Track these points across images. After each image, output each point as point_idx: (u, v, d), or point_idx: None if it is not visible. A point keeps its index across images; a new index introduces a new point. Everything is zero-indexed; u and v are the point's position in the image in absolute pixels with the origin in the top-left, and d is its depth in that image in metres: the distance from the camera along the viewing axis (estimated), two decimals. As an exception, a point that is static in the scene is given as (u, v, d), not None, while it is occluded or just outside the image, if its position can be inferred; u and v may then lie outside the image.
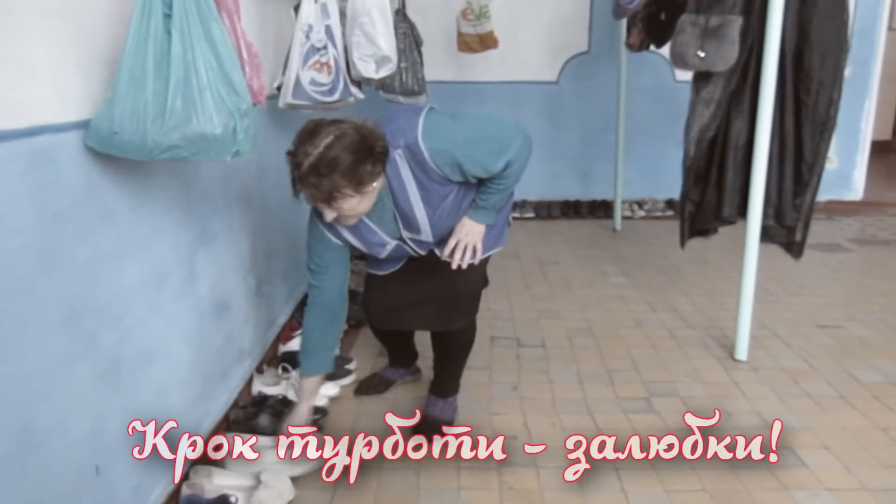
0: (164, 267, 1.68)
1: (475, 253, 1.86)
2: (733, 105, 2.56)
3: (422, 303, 1.99)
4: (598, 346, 2.75)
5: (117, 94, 1.28)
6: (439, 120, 1.69)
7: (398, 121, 1.68)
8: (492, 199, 1.81)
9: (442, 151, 1.65)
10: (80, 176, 1.31)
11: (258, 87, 1.71)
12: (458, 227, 1.85)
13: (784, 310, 3.11)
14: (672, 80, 4.78)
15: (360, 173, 1.53)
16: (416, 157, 1.65)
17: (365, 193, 1.59)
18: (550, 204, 5.01)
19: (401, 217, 1.77)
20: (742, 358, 2.59)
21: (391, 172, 1.68)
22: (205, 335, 1.93)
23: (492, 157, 1.71)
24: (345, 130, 1.53)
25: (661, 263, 3.85)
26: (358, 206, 1.60)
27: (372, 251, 1.87)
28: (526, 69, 4.84)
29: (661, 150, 4.80)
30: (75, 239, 1.28)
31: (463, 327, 2.05)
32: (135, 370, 1.53)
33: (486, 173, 1.73)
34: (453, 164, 1.68)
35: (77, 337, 1.30)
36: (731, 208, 2.65)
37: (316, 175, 1.50)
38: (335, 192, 1.53)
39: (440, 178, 1.70)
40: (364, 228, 1.79)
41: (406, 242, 1.86)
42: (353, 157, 1.51)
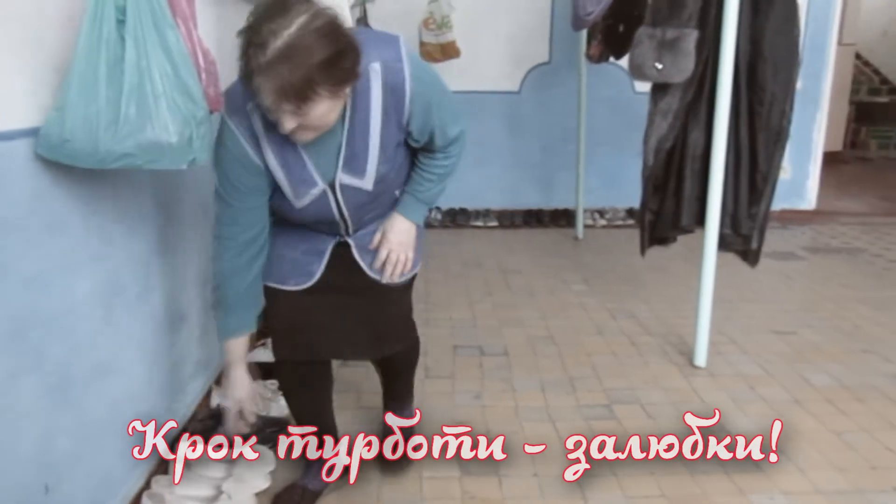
0: (118, 278, 1.63)
1: (406, 263, 1.63)
2: (690, 116, 2.61)
3: (347, 329, 1.66)
4: (560, 354, 2.76)
5: (68, 100, 1.25)
6: (416, 56, 1.44)
7: (371, 35, 1.40)
8: (432, 190, 1.59)
9: (422, 85, 1.40)
10: (29, 184, 1.27)
11: (215, 94, 1.69)
12: (387, 229, 1.59)
13: (741, 316, 3.17)
14: (631, 90, 4.86)
15: (339, 70, 1.21)
16: (395, 80, 1.36)
17: (339, 98, 1.27)
18: (513, 213, 5.04)
19: (346, 151, 1.42)
20: (700, 364, 2.64)
21: (360, 89, 1.35)
22: (160, 348, 1.89)
23: (451, 118, 1.51)
24: (320, 11, 1.20)
25: (621, 271, 3.90)
26: (328, 114, 1.27)
27: (294, 191, 1.45)
28: (487, 79, 4.87)
29: (621, 160, 4.87)
30: (22, 250, 1.25)
31: (404, 348, 1.82)
32: (86, 384, 1.49)
33: (441, 137, 1.51)
34: (426, 108, 1.43)
35: (23, 351, 1.26)
36: (690, 217, 2.70)
37: (288, 63, 1.15)
38: (308, 90, 1.19)
39: (400, 127, 1.43)
40: (294, 158, 1.41)
41: (335, 192, 1.47)
42: (333, 47, 1.18)
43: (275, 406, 2.18)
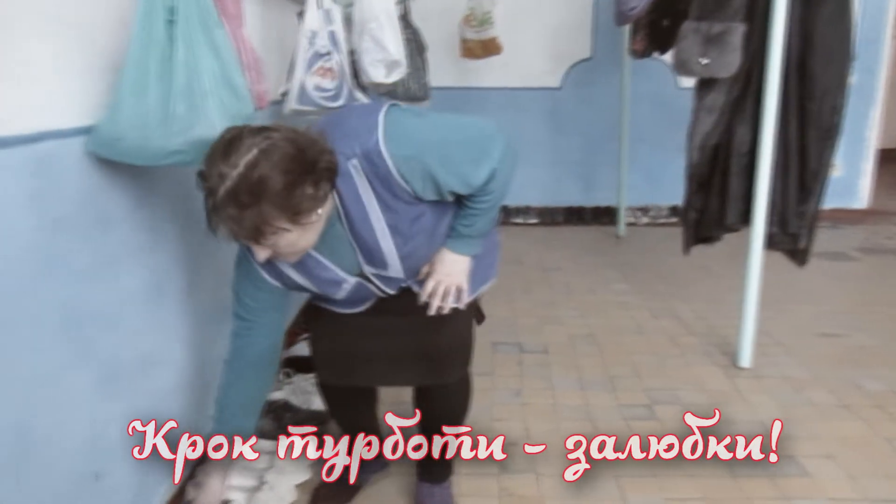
0: (165, 273, 1.68)
1: (460, 295, 1.50)
2: (736, 112, 2.56)
3: (395, 356, 1.54)
4: (600, 353, 2.74)
5: (120, 99, 1.28)
6: (403, 118, 1.30)
7: (350, 121, 1.30)
8: (477, 224, 1.42)
9: (410, 159, 1.26)
10: (82, 182, 1.31)
11: (260, 93, 1.72)
12: (435, 261, 1.45)
13: (787, 318, 3.10)
14: (675, 86, 4.78)
15: (298, 199, 1.14)
16: (377, 168, 1.25)
17: (305, 225, 1.19)
18: (554, 210, 5.01)
19: (360, 248, 1.36)
20: (745, 365, 2.58)
21: (345, 189, 1.27)
22: (205, 341, 1.93)
23: (472, 165, 1.33)
24: (274, 141, 1.13)
25: (663, 270, 3.84)
26: (298, 241, 1.21)
27: (325, 292, 1.44)
28: (529, 75, 4.84)
29: (664, 157, 4.79)
30: (74, 245, 1.29)
31: (453, 382, 1.63)
32: (134, 376, 1.53)
33: (466, 188, 1.35)
34: (425, 176, 1.28)
35: (75, 342, 1.30)
36: (735, 215, 2.65)
37: (236, 205, 1.10)
38: (263, 227, 1.13)
39: (408, 195, 1.30)
40: (313, 263, 1.36)
41: (370, 280, 1.43)
42: (287, 177, 1.11)
43: (315, 400, 2.21)
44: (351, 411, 1.79)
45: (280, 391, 2.25)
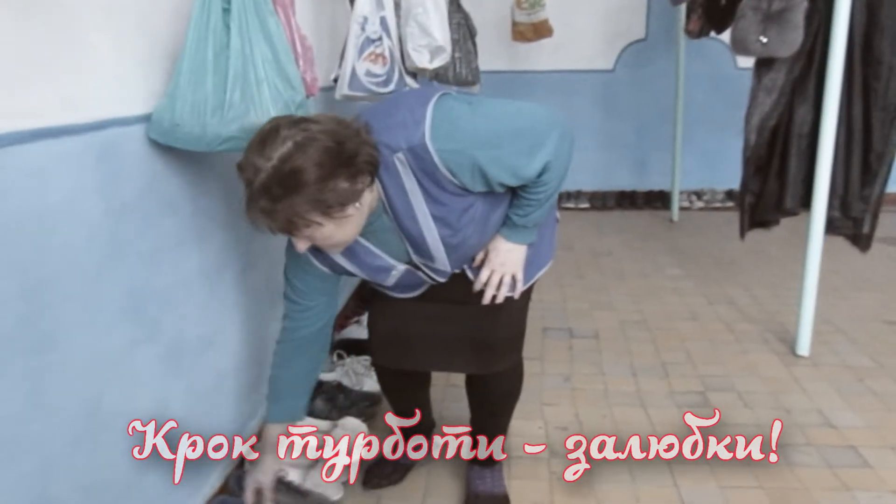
0: (223, 256, 1.73)
1: (515, 284, 1.47)
2: (797, 92, 2.48)
3: (449, 342, 1.54)
4: (653, 339, 2.71)
5: (178, 87, 1.32)
6: (453, 109, 1.24)
7: (398, 113, 1.24)
8: (532, 214, 1.38)
9: (457, 153, 1.21)
10: (145, 168, 1.36)
11: (311, 80, 1.74)
12: (490, 249, 1.43)
13: (849, 305, 3.00)
14: (733, 66, 4.65)
15: (331, 193, 1.12)
16: (423, 163, 1.22)
17: (340, 219, 1.17)
18: (605, 194, 4.94)
19: (408, 239, 1.34)
20: (803, 353, 2.52)
21: (389, 183, 1.24)
22: (262, 322, 1.98)
23: (524, 158, 1.27)
24: (312, 134, 1.10)
25: (719, 255, 3.76)
26: (335, 234, 1.19)
27: (375, 278, 1.44)
28: (581, 58, 4.78)
29: (720, 140, 4.67)
30: (139, 229, 1.34)
31: (506, 369, 1.61)
32: (195, 355, 1.59)
33: (517, 180, 1.29)
34: (473, 170, 1.23)
35: (141, 322, 1.35)
36: (794, 199, 2.57)
37: (269, 198, 1.10)
38: (295, 220, 1.13)
39: (456, 187, 1.26)
40: (361, 250, 1.36)
41: (420, 268, 1.42)
42: (320, 170, 1.10)
43: (368, 381, 2.25)
44: (404, 393, 1.82)
45: (333, 373, 2.30)
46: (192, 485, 1.58)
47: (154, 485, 1.41)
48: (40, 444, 1.07)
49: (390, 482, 1.82)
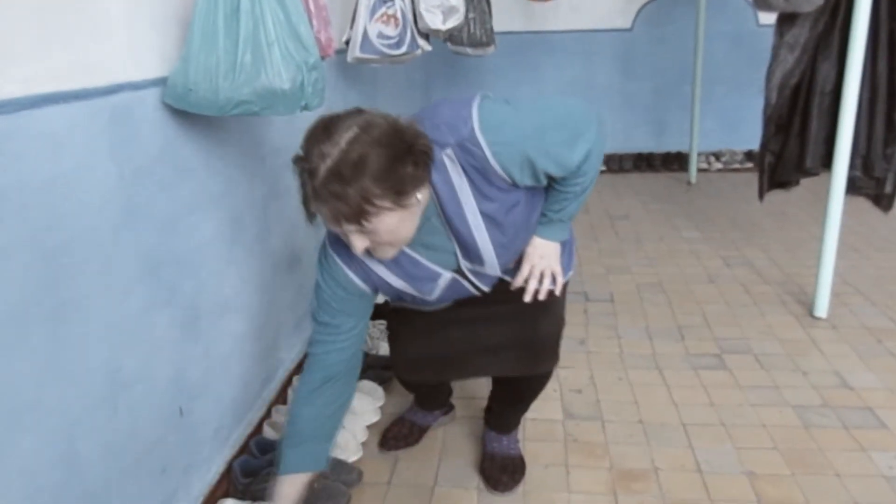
0: (238, 221, 1.73)
1: (555, 279, 1.44)
2: (820, 48, 2.42)
3: (491, 345, 1.50)
4: (669, 302, 2.70)
5: (191, 51, 1.31)
6: (496, 108, 1.25)
7: (442, 113, 1.24)
8: (569, 207, 1.38)
9: (507, 145, 1.22)
10: (158, 132, 1.36)
11: (326, 40, 1.72)
12: (528, 249, 1.42)
13: (869, 266, 2.96)
14: (754, 23, 4.54)
15: (400, 176, 1.10)
16: (473, 157, 1.21)
17: (407, 207, 1.15)
18: (622, 157, 4.89)
19: (458, 241, 1.31)
20: (821, 315, 2.50)
21: (439, 180, 1.23)
22: (278, 286, 2.00)
23: (566, 148, 1.27)
24: (372, 120, 1.11)
25: (737, 217, 3.72)
26: (399, 227, 1.16)
27: (419, 290, 1.37)
28: (598, 17, 4.68)
29: (740, 100, 4.59)
30: (154, 193, 1.34)
31: (547, 370, 1.61)
32: (212, 319, 1.60)
33: (561, 170, 1.28)
34: (523, 163, 1.24)
35: (158, 287, 1.37)
36: (815, 159, 2.53)
37: (339, 181, 1.07)
38: (366, 205, 1.09)
39: (504, 182, 1.26)
40: (407, 260, 1.32)
41: (465, 276, 1.37)
42: (389, 151, 1.09)
43: (383, 345, 2.27)
44: (432, 395, 1.87)
45: (349, 336, 2.32)
46: (212, 445, 1.61)
47: (175, 445, 1.44)
48: (63, 404, 1.09)
49: (407, 444, 1.85)
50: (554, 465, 1.75)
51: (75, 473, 1.13)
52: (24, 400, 1.00)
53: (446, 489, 1.70)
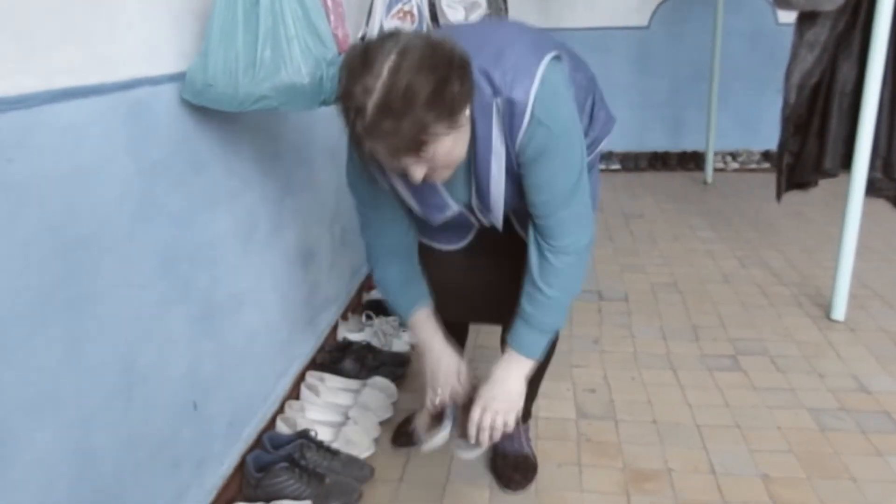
0: (254, 216, 1.73)
1: (508, 425, 1.35)
2: (841, 48, 2.39)
3: (499, 292, 1.49)
4: (684, 302, 2.68)
5: (210, 46, 1.31)
6: (560, 81, 1.21)
7: (511, 55, 1.17)
8: (548, 318, 1.35)
9: (541, 125, 1.18)
10: (175, 127, 1.36)
11: (343, 36, 1.71)
12: (486, 385, 1.34)
13: (888, 268, 2.93)
14: (773, 22, 4.49)
15: (450, 98, 1.04)
16: (512, 119, 1.17)
17: (459, 128, 1.10)
18: (637, 156, 4.86)
19: (476, 184, 1.29)
20: (839, 318, 2.47)
21: (482, 126, 1.19)
22: (292, 282, 2.00)
23: (566, 198, 1.26)
24: (407, 43, 1.03)
25: (754, 218, 3.69)
26: (454, 148, 1.12)
27: (426, 215, 1.36)
28: (615, 14, 4.65)
29: (758, 99, 4.55)
30: (170, 188, 1.34)
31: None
32: (227, 314, 1.61)
33: (553, 207, 1.26)
34: (538, 150, 1.20)
35: (173, 281, 1.37)
36: (834, 160, 2.50)
37: (391, 116, 1.00)
38: (423, 136, 1.04)
39: (511, 166, 1.24)
40: (426, 187, 1.29)
41: (473, 211, 1.38)
42: (435, 74, 1.02)
43: (396, 342, 2.27)
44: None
45: (362, 333, 2.32)
46: (225, 439, 1.62)
47: (189, 439, 1.44)
48: (78, 398, 1.10)
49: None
50: (566, 465, 1.75)
51: (90, 466, 1.13)
52: (40, 392, 1.01)
53: (458, 486, 1.69)
